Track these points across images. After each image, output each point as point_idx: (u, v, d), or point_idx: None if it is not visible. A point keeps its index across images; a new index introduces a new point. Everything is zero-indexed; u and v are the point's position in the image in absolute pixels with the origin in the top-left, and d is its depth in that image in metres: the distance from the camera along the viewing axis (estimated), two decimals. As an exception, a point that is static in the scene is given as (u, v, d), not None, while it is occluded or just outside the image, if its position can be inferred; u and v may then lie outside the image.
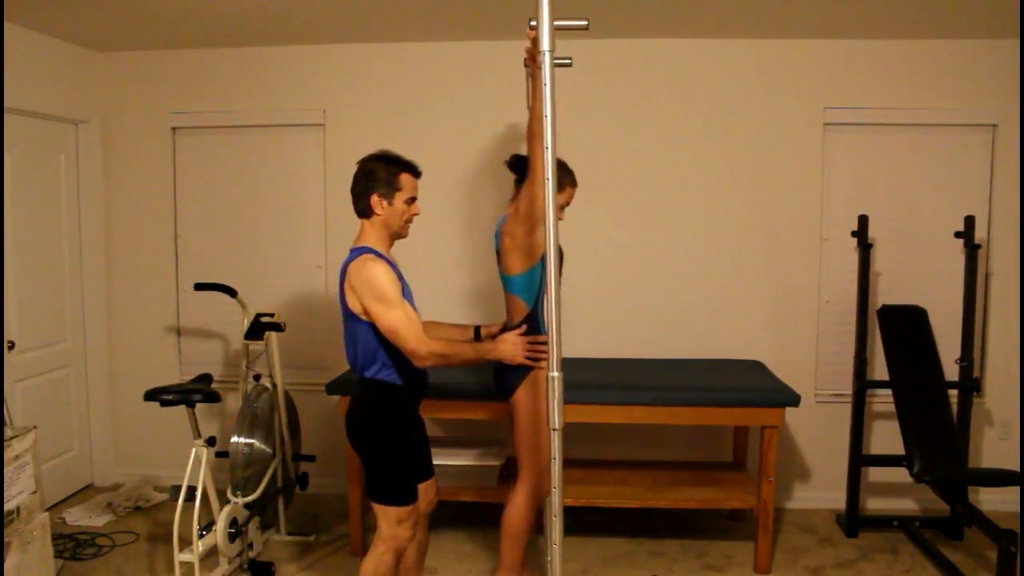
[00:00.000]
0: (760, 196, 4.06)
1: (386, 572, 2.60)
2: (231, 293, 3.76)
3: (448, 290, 4.16)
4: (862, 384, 3.79)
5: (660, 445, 4.16)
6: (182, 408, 3.16)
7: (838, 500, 3.99)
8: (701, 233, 4.10)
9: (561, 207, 2.85)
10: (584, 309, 4.12)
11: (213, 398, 3.16)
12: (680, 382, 3.59)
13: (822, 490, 4.13)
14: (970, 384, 3.74)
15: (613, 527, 3.84)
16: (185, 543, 3.06)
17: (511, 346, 2.61)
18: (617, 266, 4.11)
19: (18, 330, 3.84)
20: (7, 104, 3.59)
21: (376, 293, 2.40)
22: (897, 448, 3.65)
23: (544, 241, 2.58)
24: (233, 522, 3.25)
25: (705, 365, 3.92)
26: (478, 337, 2.86)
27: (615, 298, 4.11)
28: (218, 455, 3.51)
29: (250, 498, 3.37)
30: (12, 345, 3.78)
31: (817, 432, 4.13)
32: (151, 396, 3.11)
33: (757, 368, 3.87)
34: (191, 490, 3.04)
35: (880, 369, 3.91)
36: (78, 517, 3.96)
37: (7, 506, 2.69)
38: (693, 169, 4.07)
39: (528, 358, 2.65)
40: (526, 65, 2.80)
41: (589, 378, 3.50)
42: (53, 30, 3.87)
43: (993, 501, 3.99)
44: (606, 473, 3.81)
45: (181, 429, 3.52)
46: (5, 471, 2.68)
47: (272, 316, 3.64)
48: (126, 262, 4.42)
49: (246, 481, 3.41)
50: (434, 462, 2.86)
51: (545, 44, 1.84)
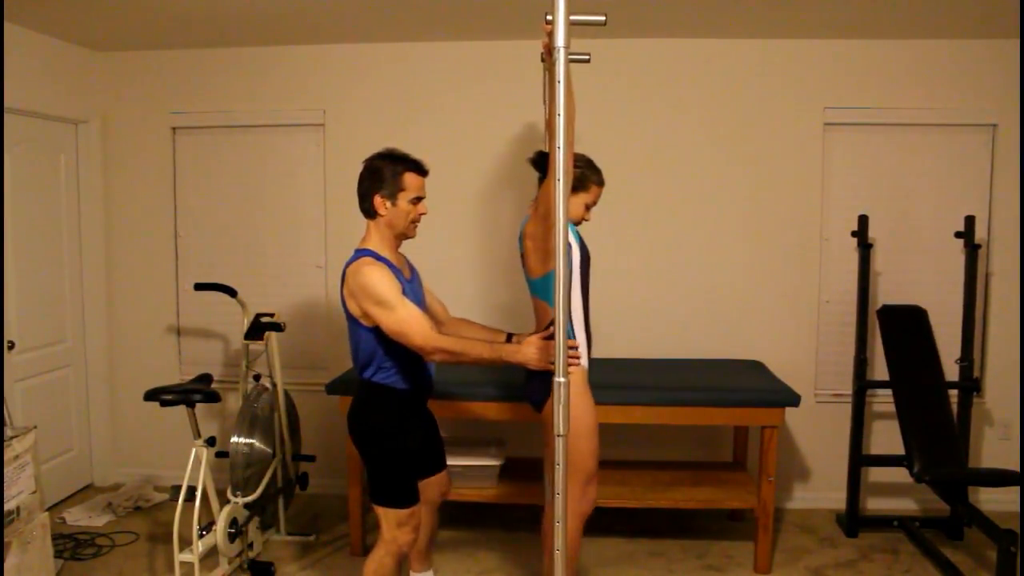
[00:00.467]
0: (760, 196, 4.06)
1: (386, 575, 2.58)
2: (231, 293, 3.76)
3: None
4: (862, 384, 3.79)
5: (660, 445, 4.16)
6: (182, 408, 3.16)
7: (838, 500, 3.99)
8: (700, 233, 4.10)
9: (587, 206, 2.73)
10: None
11: (213, 398, 3.16)
12: (680, 382, 3.59)
13: (822, 490, 4.13)
14: (970, 384, 3.74)
15: (613, 527, 3.84)
16: (185, 543, 3.06)
17: (535, 350, 2.44)
18: (616, 266, 4.11)
19: (18, 330, 3.84)
20: (7, 104, 3.59)
21: (375, 297, 2.37)
22: (897, 448, 3.65)
23: (563, 241, 2.53)
24: (233, 522, 3.25)
25: (705, 365, 3.92)
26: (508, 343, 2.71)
27: (614, 298, 4.11)
28: (218, 455, 3.51)
29: (250, 498, 3.37)
30: (12, 345, 3.78)
31: (817, 432, 4.13)
32: (151, 396, 3.11)
33: (757, 368, 3.87)
34: (191, 490, 3.04)
35: (880, 369, 3.91)
36: (78, 517, 3.96)
37: (7, 506, 2.69)
38: (692, 169, 4.07)
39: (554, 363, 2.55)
40: (543, 60, 2.70)
41: (589, 378, 3.49)
42: (53, 30, 3.87)
43: (993, 501, 4.00)
44: (606, 473, 3.80)
45: (181, 429, 3.52)
46: (5, 471, 2.68)
47: (272, 316, 3.64)
48: (126, 262, 4.42)
49: (246, 481, 3.41)
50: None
51: (560, 40, 1.80)
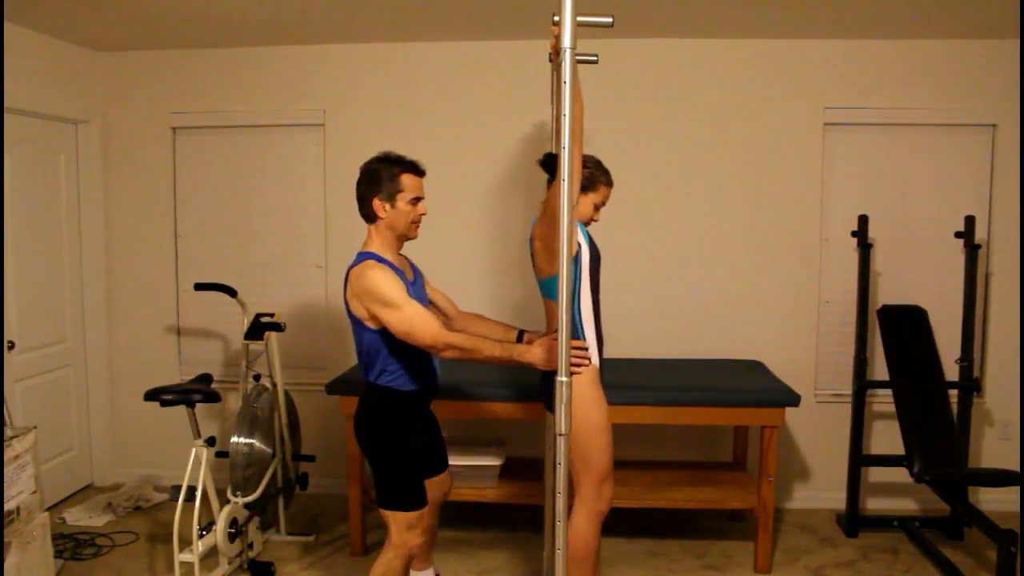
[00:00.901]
0: (760, 196, 4.06)
1: None
2: (231, 293, 3.76)
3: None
4: (862, 384, 3.79)
5: (660, 445, 4.16)
6: (182, 408, 3.16)
7: (838, 500, 3.99)
8: (701, 233, 4.10)
9: (596, 206, 2.75)
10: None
11: (213, 398, 3.16)
12: (680, 382, 3.59)
13: (822, 490, 4.13)
14: (970, 384, 3.74)
15: (613, 527, 3.84)
16: (185, 543, 3.06)
17: (544, 351, 2.43)
18: (616, 266, 4.10)
19: (18, 330, 3.84)
20: (7, 104, 3.59)
21: (380, 298, 2.38)
22: (897, 448, 3.65)
23: (575, 242, 2.54)
24: (233, 522, 3.25)
25: (705, 365, 3.92)
26: (520, 341, 2.74)
27: (614, 298, 4.10)
28: (218, 455, 3.51)
29: (250, 498, 3.37)
30: (12, 345, 3.78)
31: (817, 432, 4.13)
32: (151, 396, 3.11)
33: (757, 368, 3.87)
34: (191, 490, 3.04)
35: (880, 369, 3.91)
36: (78, 517, 3.96)
37: (7, 506, 2.69)
38: (693, 169, 4.07)
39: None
40: (551, 60, 2.71)
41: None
42: (53, 30, 3.87)
43: (993, 501, 4.00)
44: (606, 473, 3.80)
45: (181, 429, 3.52)
46: (5, 471, 2.68)
47: (272, 316, 3.64)
48: (126, 262, 4.42)
49: (246, 481, 3.41)
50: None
51: (567, 41, 1.81)
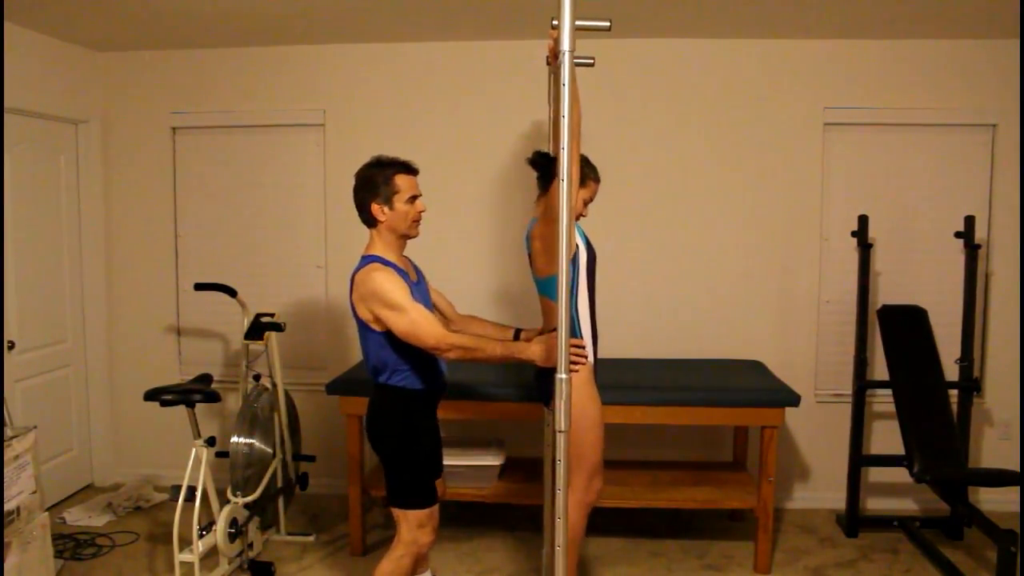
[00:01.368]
0: (760, 196, 4.06)
1: (402, 575, 2.60)
2: (231, 293, 3.76)
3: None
4: (862, 384, 3.79)
5: (660, 445, 4.16)
6: (182, 408, 3.16)
7: (838, 500, 3.99)
8: (701, 233, 4.10)
9: (585, 202, 2.79)
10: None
11: (213, 398, 3.17)
12: (680, 382, 3.59)
13: (822, 490, 4.13)
14: (970, 384, 3.74)
15: (613, 527, 3.84)
16: (185, 543, 3.06)
17: (543, 348, 2.48)
18: (616, 266, 4.10)
19: (18, 330, 3.84)
20: (7, 104, 3.59)
21: (385, 301, 2.40)
22: (897, 448, 3.65)
23: (573, 241, 2.57)
24: (233, 522, 3.25)
25: (705, 365, 3.92)
26: (517, 340, 2.78)
27: (614, 298, 4.10)
28: (218, 455, 3.51)
29: (250, 498, 3.37)
30: (12, 345, 3.78)
31: (817, 432, 4.13)
32: (151, 396, 3.11)
33: (757, 368, 3.87)
34: (191, 490, 3.04)
35: (880, 369, 3.91)
36: (78, 517, 3.96)
37: (7, 506, 2.69)
38: (693, 169, 4.07)
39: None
40: (548, 63, 2.76)
41: (596, 376, 3.49)
42: (53, 30, 3.87)
43: (993, 501, 3.99)
44: (606, 473, 3.78)
45: (181, 429, 3.52)
46: (5, 471, 2.68)
47: (272, 316, 3.64)
48: (126, 262, 4.42)
49: (246, 481, 3.41)
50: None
51: (565, 44, 1.83)
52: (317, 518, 4.03)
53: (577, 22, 1.86)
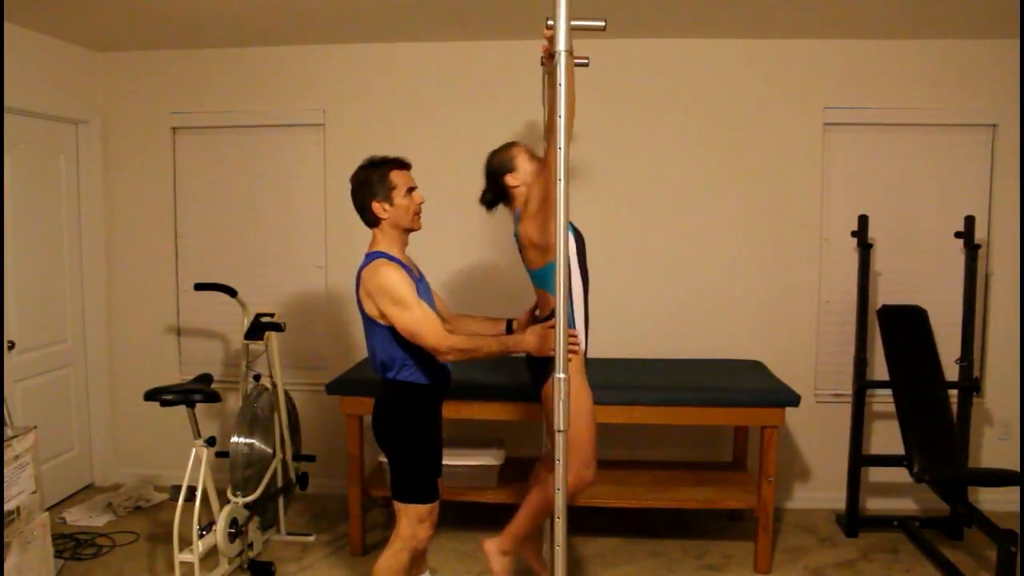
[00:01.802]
0: (760, 196, 4.06)
1: (400, 570, 2.62)
2: (231, 293, 3.76)
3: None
4: (862, 384, 3.79)
5: (660, 445, 4.16)
6: (182, 408, 3.16)
7: (838, 500, 3.99)
8: (701, 233, 4.10)
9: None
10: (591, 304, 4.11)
11: (213, 398, 3.17)
12: (680, 382, 3.59)
13: (822, 490, 4.13)
14: (970, 384, 3.74)
15: (613, 527, 3.84)
16: (185, 543, 3.06)
17: (537, 338, 2.55)
18: (616, 265, 4.11)
19: (18, 330, 3.84)
20: (7, 104, 3.59)
21: (391, 296, 2.43)
22: (897, 448, 3.65)
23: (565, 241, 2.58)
24: (233, 522, 3.25)
25: (705, 365, 3.92)
26: (510, 330, 2.84)
27: (615, 298, 4.11)
28: (218, 455, 3.51)
29: (250, 498, 3.37)
30: (12, 345, 3.78)
31: (817, 432, 4.13)
32: (151, 396, 3.11)
33: (757, 368, 3.87)
34: (191, 490, 3.04)
35: (880, 369, 3.91)
36: (78, 517, 3.96)
37: (7, 506, 2.69)
38: (693, 169, 4.07)
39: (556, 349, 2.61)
40: (543, 64, 2.78)
41: (589, 378, 3.49)
42: (53, 30, 3.87)
43: (993, 501, 3.99)
44: (606, 473, 3.80)
45: (181, 429, 3.52)
46: (5, 471, 2.68)
47: (272, 316, 3.64)
48: (126, 262, 4.42)
49: (246, 481, 3.41)
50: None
51: (561, 44, 1.83)
52: (317, 518, 4.03)
53: (573, 22, 1.87)
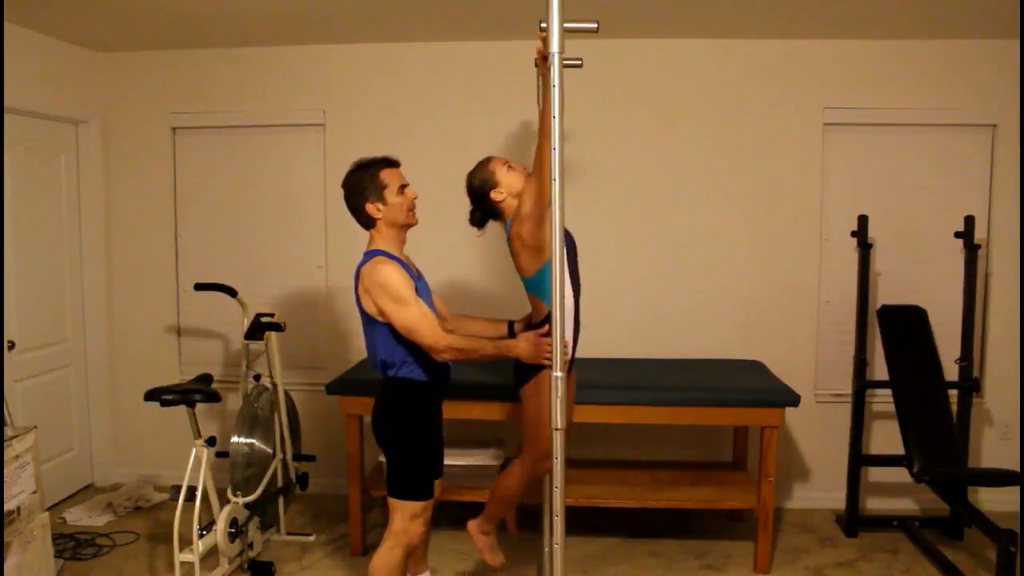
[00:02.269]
0: (760, 196, 4.06)
1: (395, 567, 2.63)
2: (231, 293, 3.76)
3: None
4: (862, 384, 3.79)
5: (660, 445, 4.16)
6: (182, 408, 3.16)
7: (838, 500, 3.99)
8: (701, 233, 4.10)
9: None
10: (583, 308, 4.11)
11: (213, 398, 3.17)
12: (680, 382, 3.59)
13: (822, 490, 4.13)
14: (970, 384, 3.74)
15: (613, 527, 3.84)
16: (185, 543, 3.06)
17: (530, 345, 2.58)
18: (616, 266, 4.11)
19: (18, 330, 3.84)
20: (7, 104, 3.59)
21: (390, 293, 2.44)
22: (897, 448, 3.65)
23: (547, 241, 2.61)
24: (233, 522, 3.25)
25: (705, 365, 3.92)
26: (511, 332, 2.87)
27: (614, 298, 4.11)
28: (218, 455, 3.51)
29: (250, 498, 3.37)
30: (12, 345, 3.78)
31: (817, 432, 4.13)
32: (151, 396, 3.11)
33: (757, 368, 3.87)
34: (191, 490, 3.04)
35: (880, 369, 3.91)
36: (78, 517, 3.96)
37: (7, 506, 2.69)
38: (693, 169, 4.07)
39: (547, 357, 2.62)
40: (537, 65, 2.80)
41: (589, 378, 3.49)
42: (53, 30, 3.87)
43: (993, 501, 3.99)
44: (606, 473, 3.81)
45: (181, 429, 3.52)
46: (5, 471, 2.68)
47: (272, 316, 3.64)
48: (126, 262, 4.42)
49: (246, 481, 3.41)
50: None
51: (555, 46, 1.85)
52: (317, 518, 4.04)
53: (566, 24, 1.89)
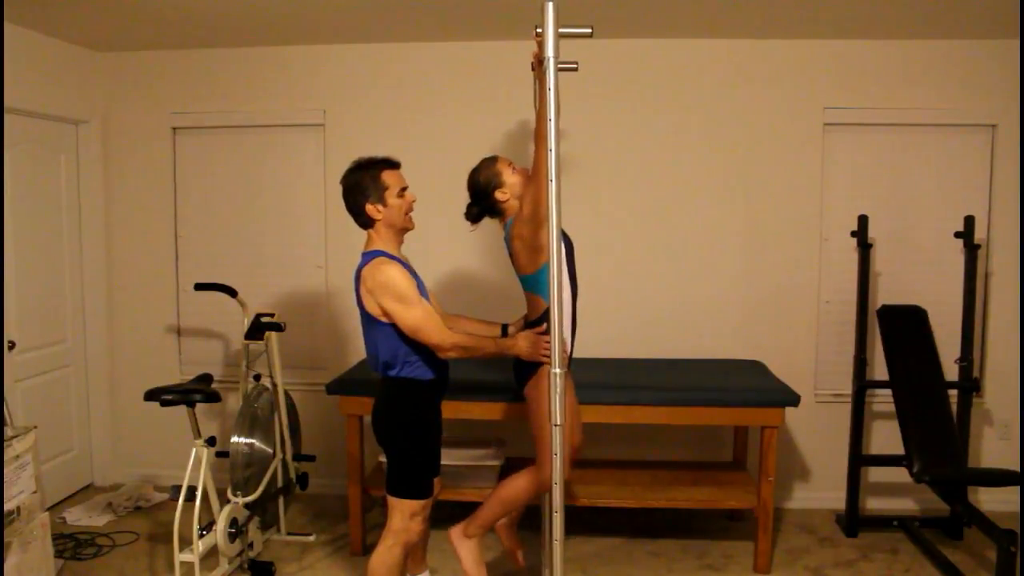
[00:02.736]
0: (760, 196, 4.06)
1: (395, 565, 2.64)
2: (231, 293, 3.76)
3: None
4: (862, 384, 3.79)
5: (660, 445, 4.16)
6: (182, 408, 3.16)
7: (838, 500, 3.99)
8: (701, 233, 4.10)
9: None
10: (583, 309, 4.10)
11: (213, 398, 3.17)
12: (680, 382, 3.59)
13: (822, 490, 4.13)
14: (970, 384, 3.74)
15: (613, 527, 3.84)
16: (185, 543, 3.06)
17: (529, 343, 2.63)
18: (617, 266, 4.11)
19: (18, 330, 3.84)
20: (7, 104, 3.59)
21: (394, 294, 2.45)
22: (897, 448, 3.65)
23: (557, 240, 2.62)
24: (233, 522, 3.25)
25: (705, 365, 3.92)
26: (505, 334, 2.89)
27: (615, 298, 4.11)
28: (218, 455, 3.51)
29: (250, 498, 3.37)
30: (12, 345, 3.78)
31: (817, 432, 4.13)
32: (151, 396, 3.11)
33: (757, 368, 3.87)
34: (191, 490, 3.05)
35: (880, 369, 3.91)
36: (78, 517, 3.96)
37: (7, 506, 2.69)
38: (692, 169, 4.07)
39: (545, 355, 2.65)
40: (533, 69, 2.82)
41: (589, 378, 3.50)
42: (53, 30, 3.87)
43: (993, 501, 4.00)
44: (606, 473, 3.81)
45: (181, 429, 3.52)
46: (5, 471, 2.68)
47: (272, 316, 3.64)
48: (126, 262, 4.42)
49: (246, 481, 3.41)
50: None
51: (549, 51, 1.87)
52: (317, 518, 4.04)
53: (561, 29, 1.91)
